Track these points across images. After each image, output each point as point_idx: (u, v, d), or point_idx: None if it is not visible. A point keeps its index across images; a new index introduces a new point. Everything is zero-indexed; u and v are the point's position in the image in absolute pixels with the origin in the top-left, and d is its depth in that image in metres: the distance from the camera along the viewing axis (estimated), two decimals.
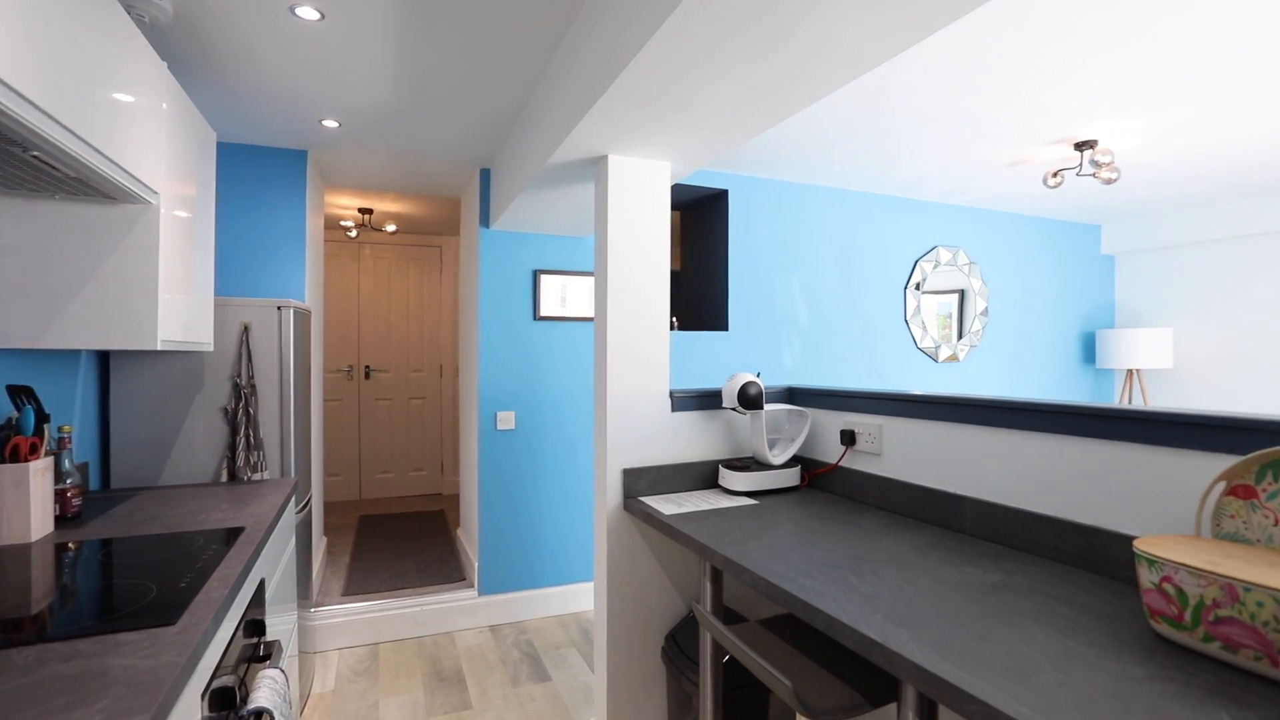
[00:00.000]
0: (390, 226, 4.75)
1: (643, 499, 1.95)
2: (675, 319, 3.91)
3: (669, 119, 1.73)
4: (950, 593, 1.17)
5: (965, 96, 2.45)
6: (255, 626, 1.42)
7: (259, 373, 2.27)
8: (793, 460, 2.16)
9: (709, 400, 2.13)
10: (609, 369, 1.99)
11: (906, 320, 4.01)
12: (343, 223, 4.81)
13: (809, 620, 1.13)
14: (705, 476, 2.10)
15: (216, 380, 2.20)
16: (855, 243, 3.85)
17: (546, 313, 3.27)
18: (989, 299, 4.33)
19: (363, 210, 4.49)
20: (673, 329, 3.50)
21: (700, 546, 1.51)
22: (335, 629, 2.93)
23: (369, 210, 4.50)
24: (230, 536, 1.48)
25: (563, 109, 1.93)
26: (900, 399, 1.79)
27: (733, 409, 2.01)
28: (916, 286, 4.02)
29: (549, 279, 3.27)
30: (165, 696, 0.79)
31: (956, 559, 1.36)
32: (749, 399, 1.98)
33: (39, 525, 1.46)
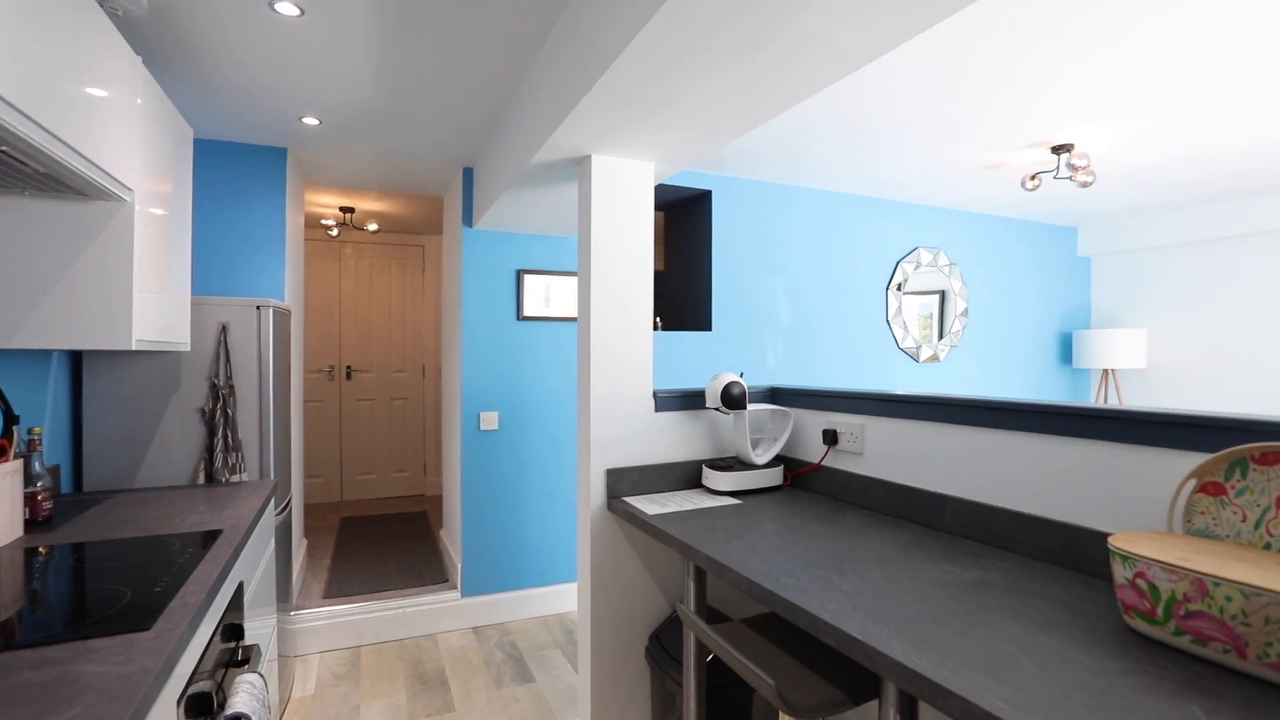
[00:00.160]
0: (372, 225, 4.70)
1: (626, 499, 1.95)
2: (659, 319, 3.91)
3: (652, 119, 1.73)
4: (931, 590, 1.18)
5: (943, 99, 2.47)
6: (233, 630, 1.40)
7: (237, 373, 2.23)
8: (776, 460, 2.17)
9: (692, 400, 2.13)
10: (592, 369, 1.98)
11: (888, 320, 4.05)
12: (323, 221, 4.75)
13: (792, 619, 1.14)
14: (689, 476, 2.11)
15: (194, 381, 2.16)
16: (838, 243, 3.89)
17: (530, 313, 3.26)
18: (969, 300, 4.39)
19: (344, 209, 4.44)
20: (656, 329, 3.50)
21: (684, 546, 1.51)
22: (316, 632, 2.90)
23: (350, 209, 4.46)
24: (208, 539, 1.46)
25: (546, 108, 1.92)
26: (882, 399, 1.81)
27: (716, 409, 2.02)
28: (898, 287, 4.06)
29: (532, 279, 3.26)
30: (139, 704, 0.78)
31: (937, 557, 1.38)
32: (732, 399, 1.99)
33: (7, 529, 1.43)
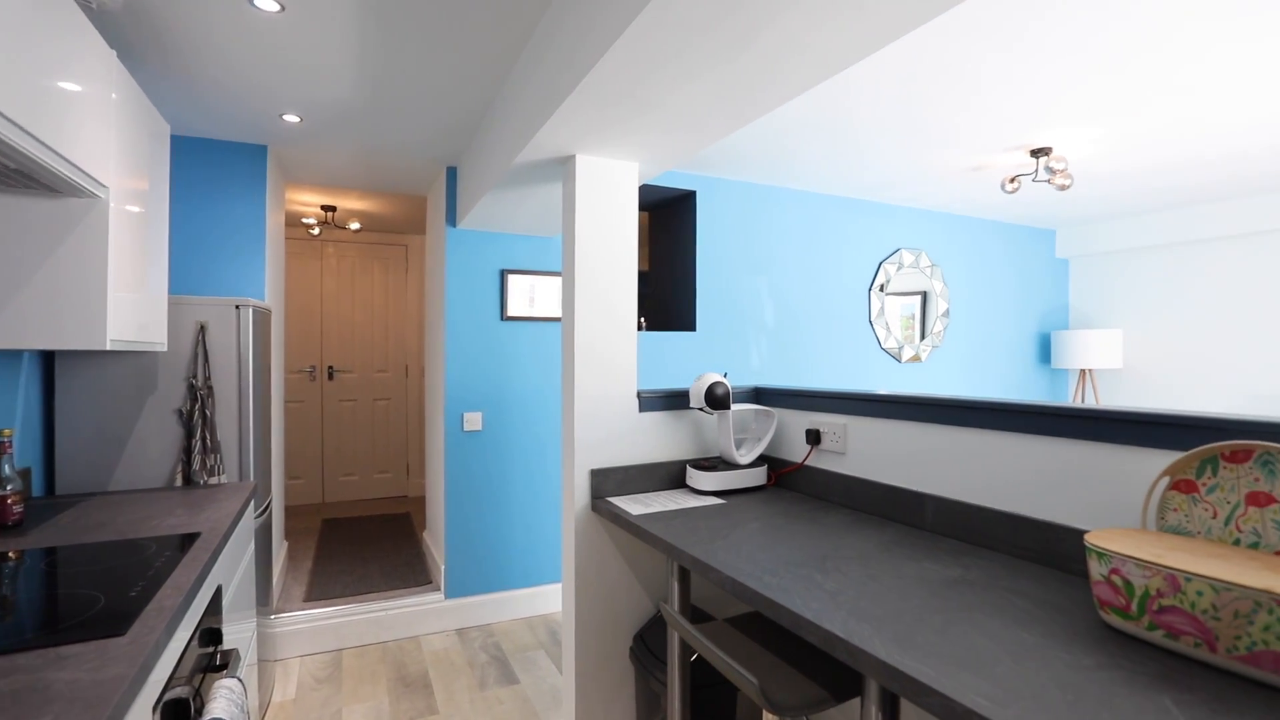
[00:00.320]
0: (354, 224, 4.66)
1: (610, 499, 1.94)
2: (643, 319, 3.91)
3: (637, 120, 1.74)
4: (912, 588, 1.19)
5: (924, 103, 2.50)
6: (211, 635, 1.38)
7: (216, 373, 2.20)
8: (759, 460, 2.18)
9: (676, 400, 2.14)
10: (576, 369, 1.98)
11: (871, 321, 4.08)
12: (305, 220, 4.69)
13: (775, 618, 1.14)
14: (673, 476, 2.11)
15: (171, 381, 2.13)
16: (821, 244, 3.91)
17: (514, 313, 3.25)
18: (950, 301, 4.44)
19: (325, 208, 4.39)
20: (640, 329, 3.50)
21: (668, 546, 1.52)
22: (297, 636, 2.86)
23: (332, 208, 4.41)
24: (185, 543, 1.43)
25: (530, 108, 1.91)
26: (864, 399, 1.83)
27: (700, 409, 2.03)
28: (881, 288, 4.10)
29: (516, 279, 3.25)
30: (113, 710, 0.77)
31: (918, 555, 1.39)
32: (716, 399, 1.99)
33: None
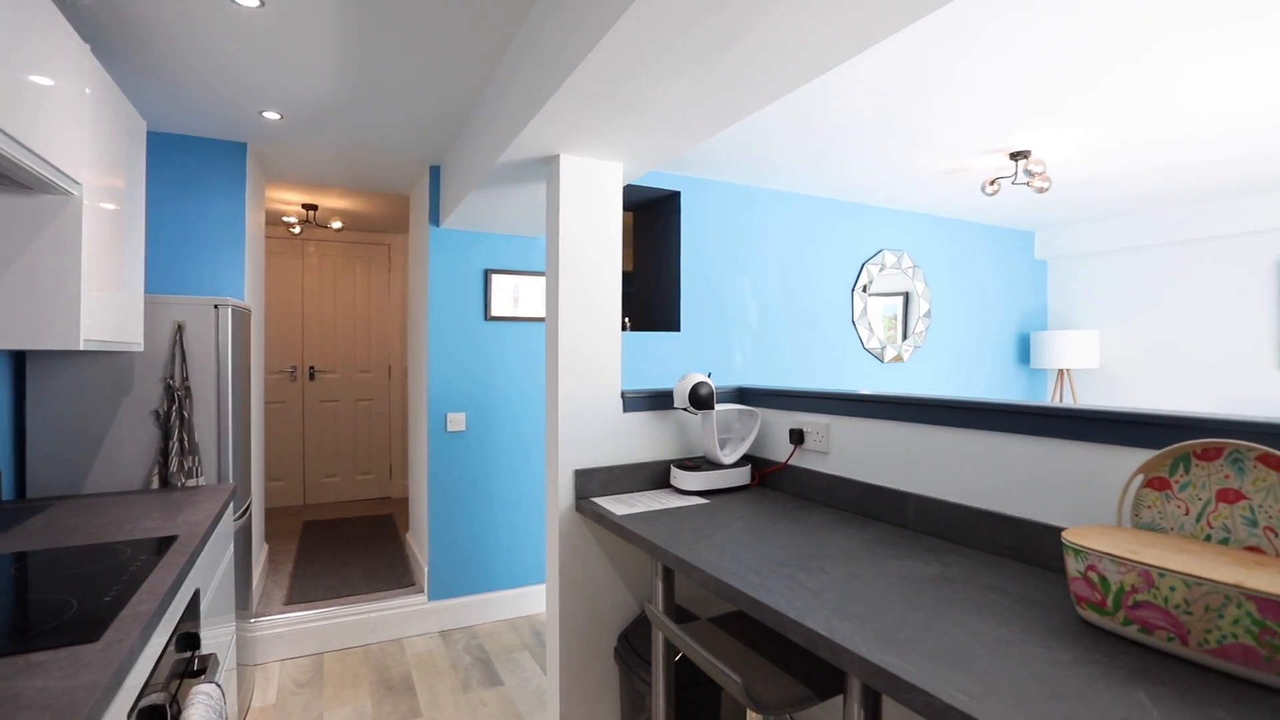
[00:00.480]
0: (336, 223, 4.61)
1: (594, 500, 1.94)
2: (627, 319, 3.91)
3: (621, 120, 1.73)
4: (894, 586, 1.20)
5: (905, 105, 2.53)
6: (189, 640, 1.36)
7: (194, 374, 2.17)
8: (743, 459, 2.19)
9: (660, 400, 2.14)
10: (560, 370, 1.97)
11: (854, 321, 4.12)
12: (285, 219, 4.64)
13: (759, 617, 1.15)
14: (657, 476, 2.11)
15: (147, 382, 2.09)
16: (805, 245, 3.94)
17: (498, 313, 3.23)
18: (932, 301, 4.48)
19: (307, 206, 4.34)
20: (625, 329, 3.50)
21: (652, 546, 1.52)
22: (277, 639, 2.82)
23: (313, 206, 4.36)
24: (161, 546, 1.41)
25: (514, 107, 1.91)
26: (847, 399, 1.84)
27: (684, 409, 2.03)
28: (863, 289, 4.13)
29: (500, 279, 3.24)
30: (86, 718, 0.75)
31: (900, 553, 1.41)
32: (700, 399, 2.00)
33: None
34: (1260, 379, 3.99)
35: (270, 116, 2.53)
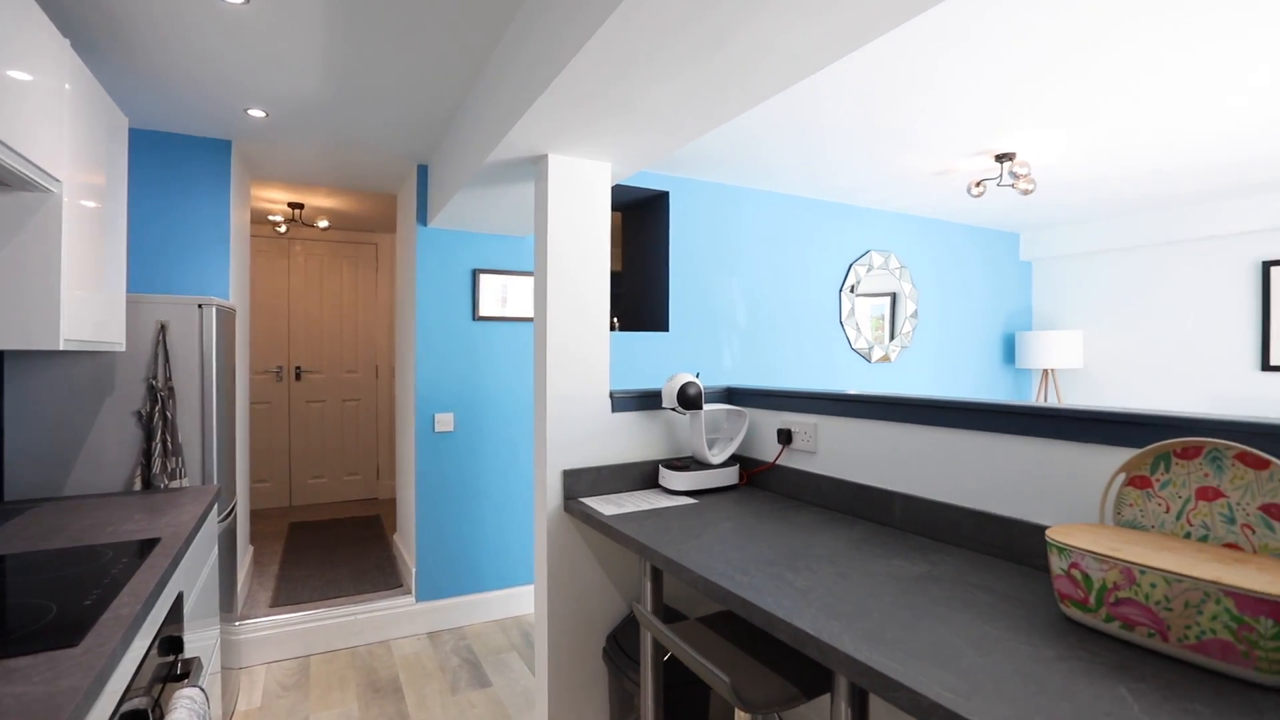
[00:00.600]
0: (322, 223, 4.57)
1: (583, 500, 1.94)
2: (616, 319, 3.91)
3: (609, 120, 1.73)
4: (881, 585, 1.21)
5: (892, 107, 2.54)
6: (172, 644, 1.34)
7: (177, 374, 2.14)
8: (731, 459, 2.19)
9: (649, 401, 2.14)
10: (549, 370, 1.97)
11: (841, 322, 4.14)
12: (271, 217, 4.59)
13: (747, 616, 1.15)
14: (645, 476, 2.11)
15: (129, 382, 2.06)
16: (793, 246, 3.95)
17: (486, 313, 3.22)
18: (919, 302, 4.52)
19: (293, 205, 4.30)
20: (613, 329, 3.50)
21: (640, 546, 1.52)
22: (262, 642, 2.80)
23: (299, 205, 4.32)
24: (144, 548, 1.39)
25: (502, 106, 1.90)
26: (834, 398, 1.85)
27: (672, 409, 2.03)
28: (851, 289, 4.16)
29: (489, 278, 3.22)
30: None
31: (887, 552, 1.42)
32: (688, 399, 2.00)
33: None
34: (1239, 379, 4.05)
35: (255, 114, 2.50)
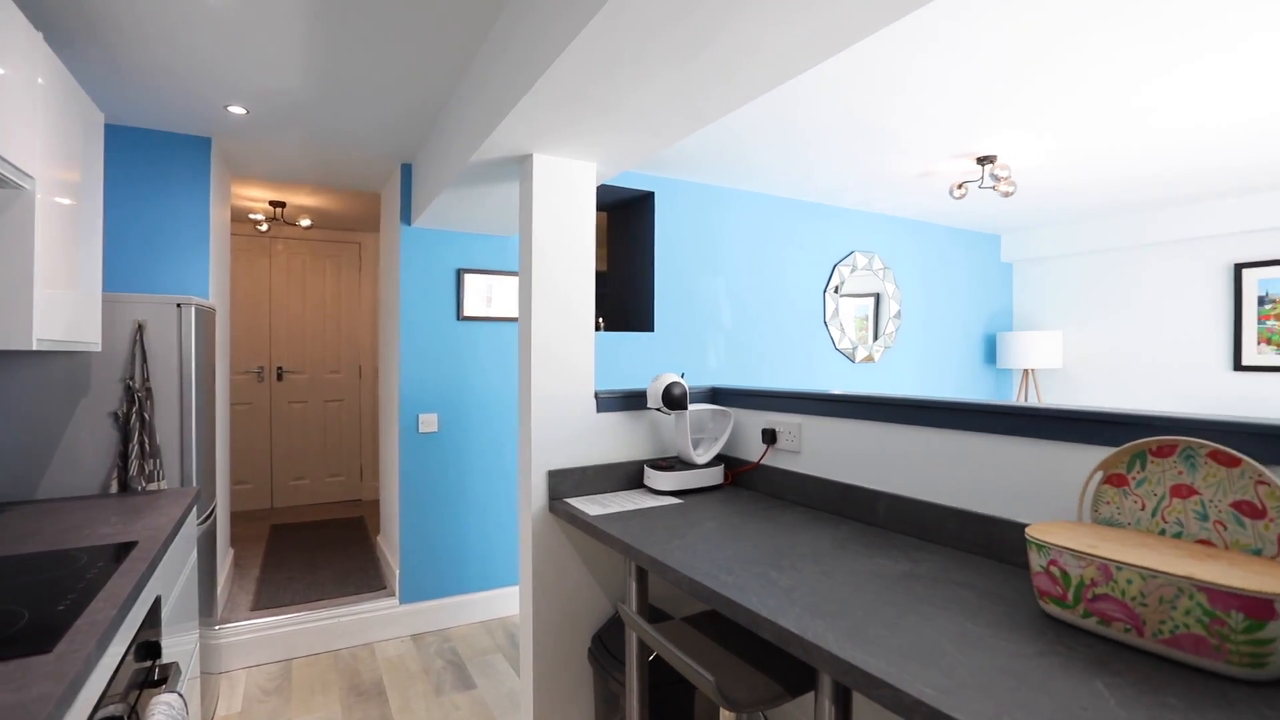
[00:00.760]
0: (305, 221, 4.52)
1: (568, 500, 1.94)
2: (601, 320, 3.91)
3: (594, 120, 1.73)
4: (865, 583, 1.22)
5: (874, 109, 2.56)
6: (149, 649, 1.32)
7: (155, 375, 2.11)
8: (716, 459, 2.20)
9: (634, 401, 2.14)
10: (533, 370, 1.96)
11: (826, 322, 4.17)
12: (252, 216, 4.53)
13: (731, 615, 1.15)
14: (631, 477, 2.11)
15: (106, 383, 2.03)
16: (777, 246, 3.97)
17: (470, 313, 3.20)
18: (902, 302, 4.56)
19: (274, 203, 4.25)
20: (598, 330, 3.50)
21: (625, 547, 1.52)
22: (243, 646, 2.76)
23: (281, 203, 4.27)
24: (120, 552, 1.37)
25: (487, 105, 1.89)
26: (818, 398, 1.86)
27: (658, 409, 2.03)
28: (835, 290, 4.19)
29: (473, 278, 3.21)
30: None
31: (871, 551, 1.43)
32: (673, 399, 2.01)
33: None
34: (1212, 378, 4.14)
35: (236, 111, 2.47)
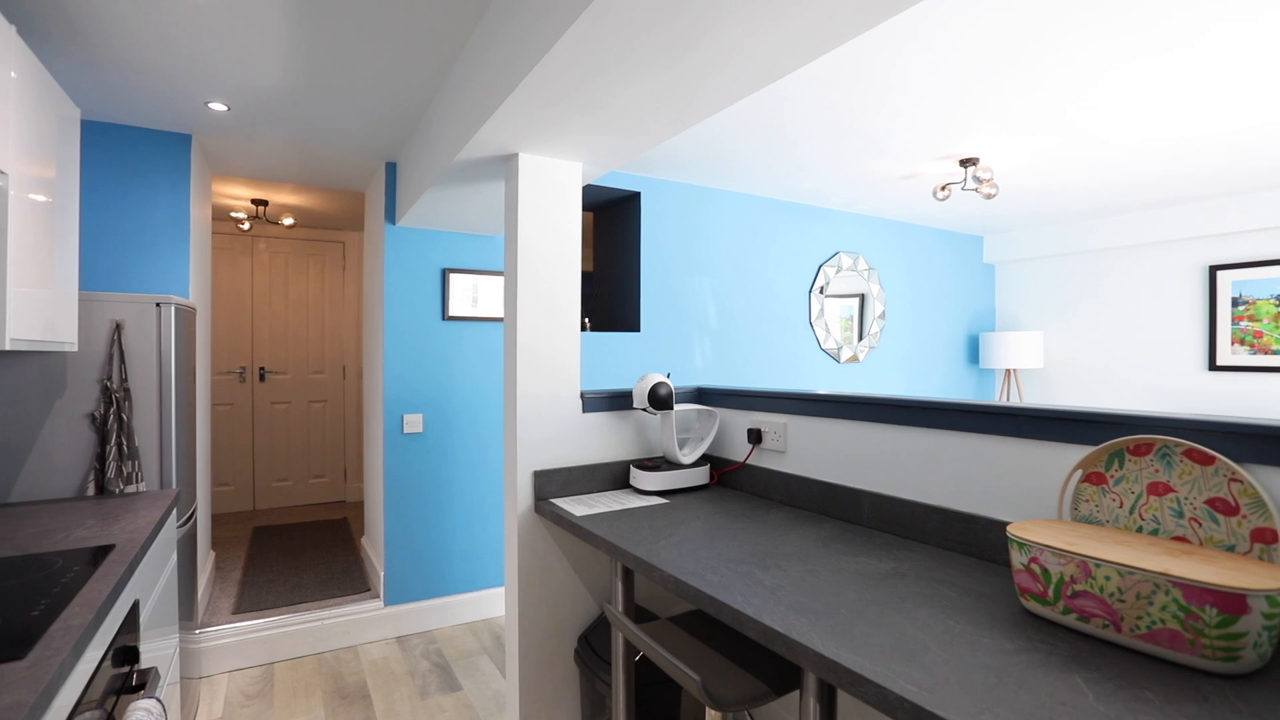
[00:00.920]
0: (288, 220, 4.47)
1: (554, 501, 1.93)
2: (587, 320, 3.90)
3: (580, 119, 1.73)
4: (848, 582, 1.23)
5: (859, 111, 2.58)
6: (127, 654, 1.30)
7: (134, 375, 2.07)
8: (702, 459, 2.20)
9: (620, 401, 2.14)
10: (519, 370, 1.96)
11: (811, 322, 4.19)
12: (234, 214, 4.48)
13: (717, 615, 1.16)
14: (617, 477, 2.11)
15: (82, 384, 1.99)
16: (763, 247, 3.99)
17: (456, 312, 3.18)
18: (886, 303, 4.60)
19: (256, 201, 4.20)
20: (584, 330, 3.49)
21: (611, 547, 1.51)
22: (224, 650, 2.72)
23: (263, 202, 4.22)
24: (97, 556, 1.35)
25: (472, 104, 1.88)
26: (804, 399, 1.87)
27: (643, 409, 2.03)
28: (820, 290, 4.21)
29: (459, 278, 3.19)
30: None
31: (854, 550, 1.44)
32: (659, 399, 2.01)
33: None
34: (1188, 378, 4.21)
35: (216, 107, 2.44)
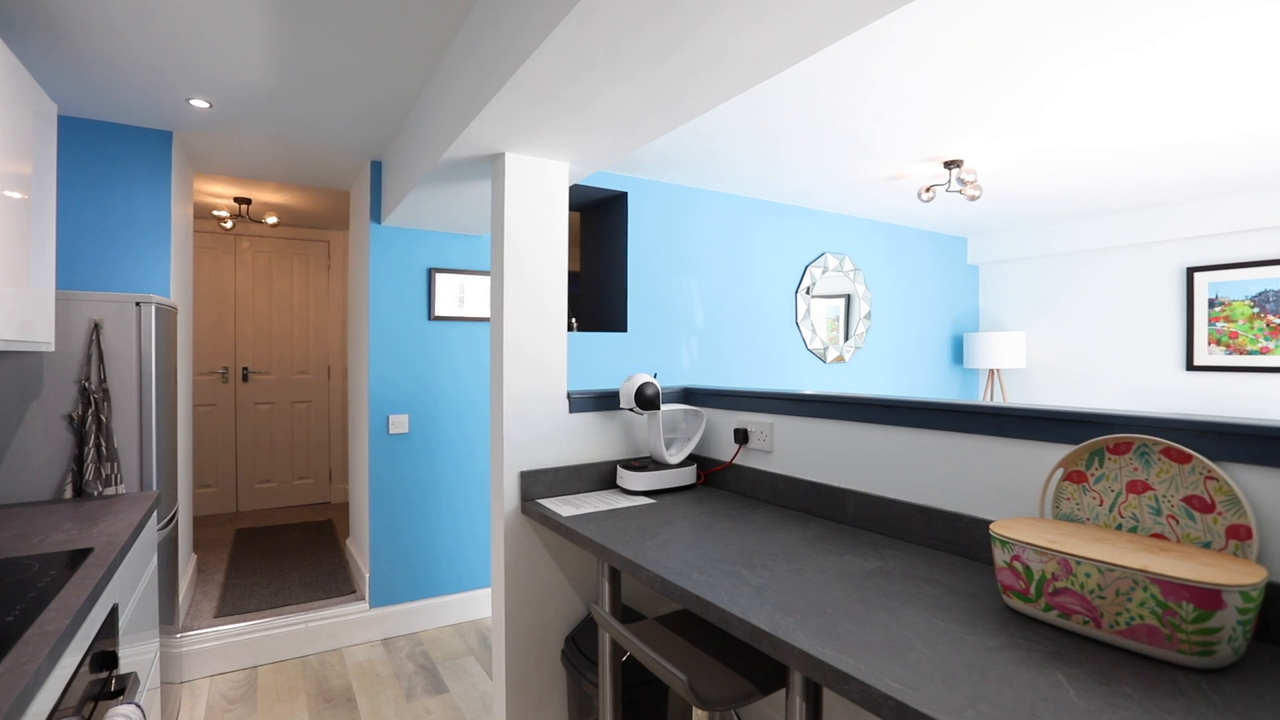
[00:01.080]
0: (271, 218, 4.42)
1: (540, 501, 1.93)
2: (574, 320, 3.90)
3: (567, 119, 1.73)
4: (834, 581, 1.24)
5: (844, 112, 2.59)
6: (106, 659, 1.28)
7: (113, 375, 2.04)
8: (689, 459, 2.21)
9: (607, 401, 2.14)
10: (505, 370, 1.95)
11: (798, 323, 4.21)
12: (216, 213, 4.42)
13: (703, 614, 1.16)
14: (603, 477, 2.11)
15: (60, 384, 1.96)
16: (750, 248, 4.00)
17: (442, 312, 3.16)
18: (872, 303, 4.63)
19: (239, 200, 4.15)
20: (571, 330, 3.48)
21: (598, 547, 1.51)
22: (206, 654, 2.69)
23: (247, 200, 4.17)
24: (75, 559, 1.32)
25: (458, 103, 1.87)
26: (790, 398, 1.88)
27: (630, 409, 2.03)
28: (807, 291, 4.23)
29: (445, 278, 3.17)
30: None
31: (840, 549, 1.45)
32: (646, 399, 2.01)
33: None
34: (1166, 377, 4.28)
35: (198, 104, 2.41)
